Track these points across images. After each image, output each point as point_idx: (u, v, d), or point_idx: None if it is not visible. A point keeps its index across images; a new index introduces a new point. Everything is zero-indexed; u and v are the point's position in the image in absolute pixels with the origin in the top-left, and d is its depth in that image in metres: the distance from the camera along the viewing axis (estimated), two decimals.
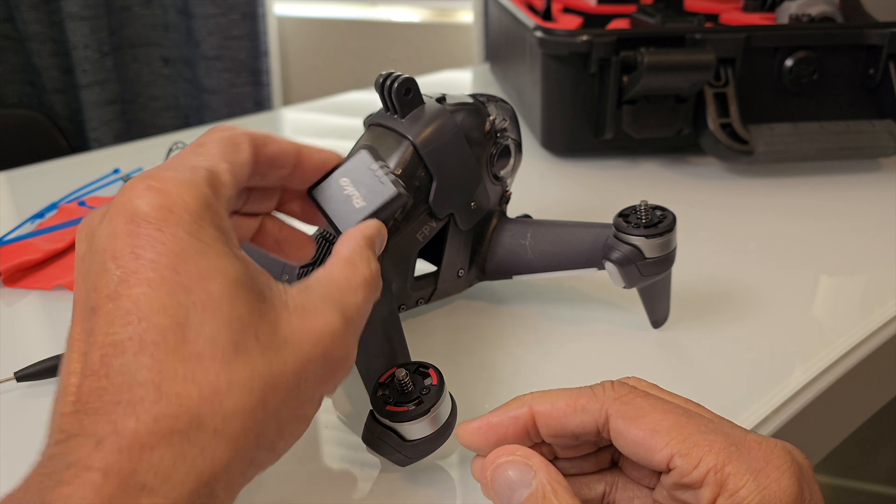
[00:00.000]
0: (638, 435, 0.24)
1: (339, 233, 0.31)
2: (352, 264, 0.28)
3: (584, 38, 0.63)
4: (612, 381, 0.27)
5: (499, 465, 0.25)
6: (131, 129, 1.66)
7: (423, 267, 0.44)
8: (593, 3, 0.80)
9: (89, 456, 0.20)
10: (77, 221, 0.58)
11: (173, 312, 0.22)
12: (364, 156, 0.32)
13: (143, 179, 0.24)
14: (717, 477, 0.22)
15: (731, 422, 0.25)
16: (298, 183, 0.32)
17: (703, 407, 0.27)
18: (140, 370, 0.21)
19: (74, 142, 1.55)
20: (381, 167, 0.32)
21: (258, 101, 1.67)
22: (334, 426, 0.38)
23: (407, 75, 0.39)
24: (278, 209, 0.33)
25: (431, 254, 0.44)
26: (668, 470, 0.24)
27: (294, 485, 0.33)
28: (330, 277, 0.27)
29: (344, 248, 0.29)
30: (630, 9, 0.78)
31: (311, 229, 0.38)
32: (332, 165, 0.32)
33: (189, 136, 0.80)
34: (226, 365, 0.22)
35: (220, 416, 0.22)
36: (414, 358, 0.38)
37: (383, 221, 0.31)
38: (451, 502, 0.33)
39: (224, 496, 0.22)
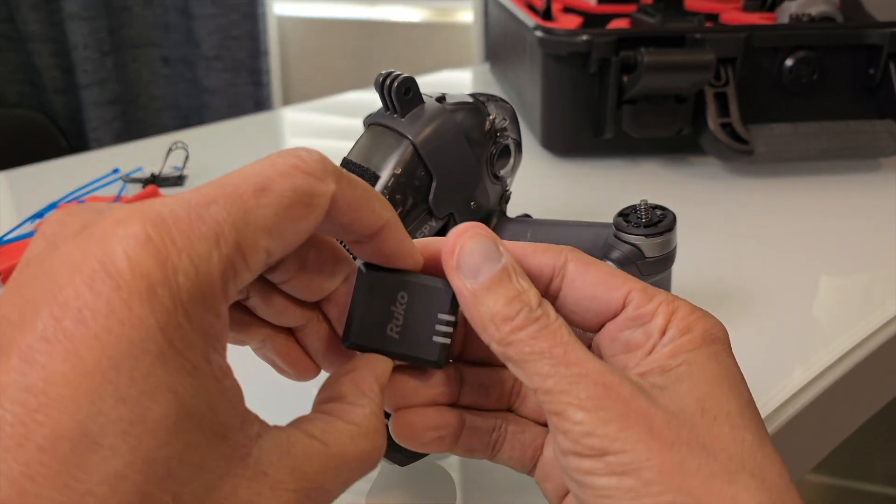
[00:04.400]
0: (597, 276, 0.25)
1: (345, 340, 0.25)
2: (365, 434, 0.22)
3: (584, 37, 0.63)
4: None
5: (469, 237, 0.24)
6: (131, 129, 1.66)
7: None
8: (593, 2, 0.80)
9: None
10: None
11: (83, 419, 0.16)
12: (443, 293, 0.25)
13: (145, 220, 0.18)
14: (670, 308, 0.25)
15: None
16: (360, 253, 0.25)
17: None
18: None
19: (74, 142, 1.55)
20: (448, 323, 0.25)
21: (258, 101, 1.67)
22: None
23: (407, 74, 0.39)
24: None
25: None
26: (624, 306, 0.25)
27: None
28: (327, 440, 0.21)
29: (355, 393, 0.23)
30: (630, 8, 0.78)
31: None
32: (417, 264, 0.25)
33: (189, 136, 0.80)
34: None
35: None
36: None
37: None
38: (451, 502, 0.33)
39: None
